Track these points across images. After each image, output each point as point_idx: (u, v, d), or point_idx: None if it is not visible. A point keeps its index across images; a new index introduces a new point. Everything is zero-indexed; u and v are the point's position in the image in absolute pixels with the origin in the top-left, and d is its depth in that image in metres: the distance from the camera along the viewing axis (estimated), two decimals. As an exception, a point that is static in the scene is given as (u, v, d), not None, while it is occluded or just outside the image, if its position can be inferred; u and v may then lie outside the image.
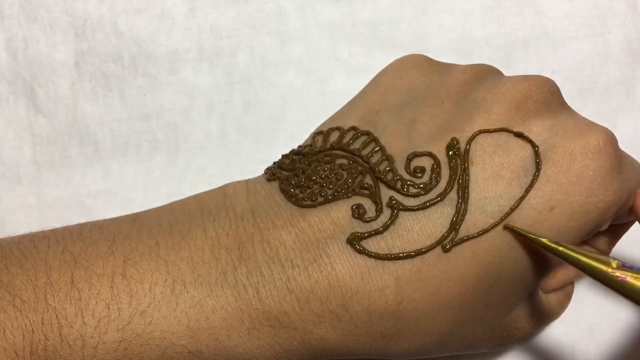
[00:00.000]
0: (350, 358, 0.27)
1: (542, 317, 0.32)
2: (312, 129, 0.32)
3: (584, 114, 0.38)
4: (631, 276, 0.24)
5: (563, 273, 0.32)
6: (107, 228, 0.27)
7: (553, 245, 0.26)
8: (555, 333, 0.36)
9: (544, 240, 0.26)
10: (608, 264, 0.25)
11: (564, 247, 0.26)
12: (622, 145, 0.35)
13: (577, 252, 0.26)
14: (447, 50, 0.39)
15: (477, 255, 0.26)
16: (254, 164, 0.38)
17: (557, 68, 0.39)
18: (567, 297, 0.34)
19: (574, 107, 0.38)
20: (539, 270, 0.28)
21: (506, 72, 0.33)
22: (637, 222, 0.30)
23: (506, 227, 0.26)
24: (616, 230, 0.32)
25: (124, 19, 0.38)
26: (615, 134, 0.38)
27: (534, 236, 0.26)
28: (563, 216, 0.26)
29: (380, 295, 0.25)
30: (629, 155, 0.30)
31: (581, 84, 0.39)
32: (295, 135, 0.38)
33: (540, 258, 0.27)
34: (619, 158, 0.27)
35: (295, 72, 0.39)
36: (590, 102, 0.39)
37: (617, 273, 0.25)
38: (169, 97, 0.38)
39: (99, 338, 0.24)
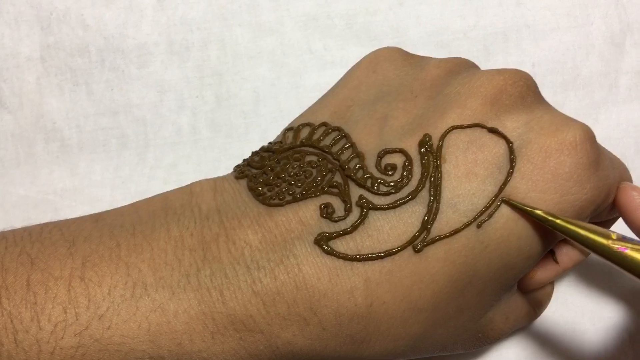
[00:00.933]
0: None
1: (520, 317, 0.31)
2: (286, 123, 0.31)
3: (566, 107, 0.38)
4: (631, 248, 0.24)
5: (542, 273, 0.31)
6: (67, 229, 0.26)
7: (549, 218, 0.25)
8: (537, 332, 0.35)
9: (539, 212, 0.25)
10: (607, 236, 0.24)
11: (561, 219, 0.25)
12: (605, 139, 0.34)
13: (575, 224, 0.25)
14: (424, 42, 0.38)
15: (449, 256, 0.25)
16: (226, 160, 0.37)
17: (538, 60, 0.38)
18: (547, 297, 0.33)
19: (555, 100, 0.38)
20: (514, 271, 0.27)
21: (485, 65, 0.33)
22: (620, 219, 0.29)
23: (503, 201, 0.25)
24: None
25: (91, 11, 0.37)
26: (598, 128, 0.37)
27: (529, 209, 0.25)
28: None
29: (349, 298, 0.25)
30: (608, 152, 0.29)
31: (563, 76, 0.38)
32: (268, 130, 0.37)
33: (516, 258, 0.26)
34: (597, 154, 0.26)
35: (268, 65, 0.38)
36: (573, 95, 0.38)
37: (617, 245, 0.24)
38: (138, 91, 0.37)
39: (56, 343, 0.23)
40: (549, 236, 0.26)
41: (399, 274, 0.25)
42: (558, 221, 0.25)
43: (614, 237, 0.24)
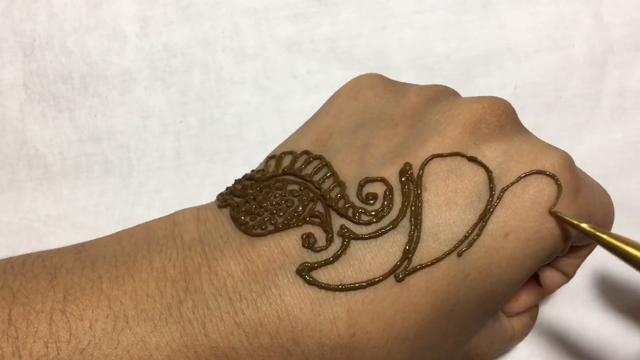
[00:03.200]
0: None
1: (504, 341, 0.31)
2: (270, 148, 0.31)
3: (549, 128, 0.38)
4: None
5: (526, 297, 0.31)
6: (50, 260, 0.26)
7: (595, 232, 0.25)
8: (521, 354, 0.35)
9: (584, 226, 0.25)
10: None
11: (607, 234, 0.25)
12: (588, 160, 0.34)
13: (620, 240, 0.25)
14: (407, 66, 0.38)
15: (431, 285, 0.25)
16: (210, 185, 0.37)
17: (520, 83, 0.38)
18: (532, 320, 0.33)
19: (538, 122, 0.38)
20: (497, 298, 0.27)
21: (468, 87, 0.33)
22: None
23: (551, 213, 0.25)
24: (581, 250, 0.31)
25: (74, 38, 0.37)
26: (581, 149, 0.38)
27: (575, 222, 0.25)
28: (518, 242, 0.26)
29: (332, 328, 0.24)
30: (589, 178, 0.29)
31: (545, 98, 0.38)
32: (252, 154, 0.37)
33: (498, 285, 0.26)
34: (576, 181, 0.26)
35: (251, 90, 0.38)
36: (555, 117, 0.38)
37: None
38: (121, 117, 0.37)
39: None
40: (530, 264, 0.26)
41: (381, 303, 0.25)
42: (605, 236, 0.25)
43: None
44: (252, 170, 0.30)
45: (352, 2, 0.38)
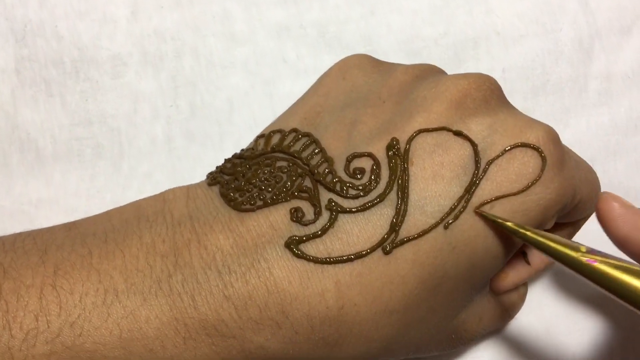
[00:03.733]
0: None
1: (493, 319, 0.31)
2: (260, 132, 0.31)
3: (537, 112, 0.38)
4: (600, 260, 0.24)
5: (514, 274, 0.31)
6: (40, 237, 0.26)
7: (519, 229, 0.25)
8: (511, 334, 0.35)
9: (509, 224, 0.25)
10: (577, 249, 0.24)
11: (531, 231, 0.25)
12: (575, 143, 0.34)
13: (546, 237, 0.25)
14: (396, 50, 0.38)
15: (418, 257, 0.25)
16: (200, 168, 0.37)
17: (508, 67, 0.38)
18: (520, 299, 0.33)
19: (526, 106, 0.38)
20: (484, 271, 0.27)
21: (456, 72, 0.33)
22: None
23: (475, 212, 0.26)
24: (566, 228, 0.32)
25: (65, 23, 0.38)
26: (568, 132, 0.38)
27: (500, 220, 0.25)
28: (504, 214, 0.26)
29: (321, 300, 0.25)
30: (575, 154, 0.30)
31: (533, 82, 0.38)
32: (242, 138, 0.38)
33: (484, 258, 0.27)
34: (561, 155, 0.27)
35: (241, 74, 0.38)
36: (543, 101, 0.39)
37: (586, 257, 0.24)
38: (112, 102, 0.38)
39: (27, 351, 0.23)
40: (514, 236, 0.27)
41: (369, 276, 0.25)
42: (528, 233, 0.25)
43: (584, 249, 0.24)
44: (242, 149, 0.30)
45: (341, -12, 0.39)
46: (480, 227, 0.26)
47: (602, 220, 0.27)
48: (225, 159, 0.30)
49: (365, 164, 0.27)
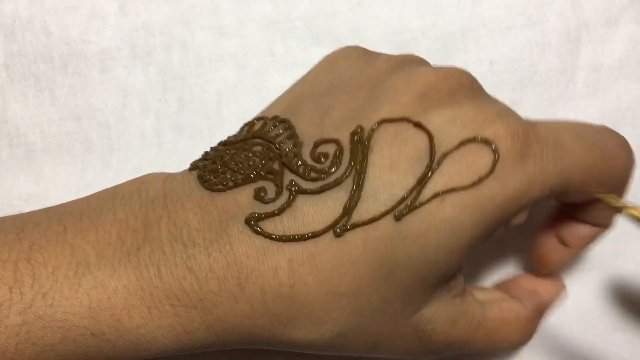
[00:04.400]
0: (256, 347, 0.27)
1: (473, 327, 0.30)
2: (248, 122, 0.31)
3: (524, 104, 0.39)
4: None
5: (553, 254, 0.32)
6: (19, 218, 0.27)
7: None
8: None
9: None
10: None
11: None
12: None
13: None
14: (384, 42, 0.39)
15: (368, 243, 0.26)
16: (190, 162, 0.37)
17: (495, 58, 0.39)
18: (519, 322, 0.31)
19: (514, 98, 0.38)
20: (438, 267, 0.27)
21: (445, 63, 0.33)
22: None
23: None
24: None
25: (54, 18, 0.38)
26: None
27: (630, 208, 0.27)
28: (454, 208, 0.26)
29: (274, 276, 0.26)
30: (549, 145, 0.28)
31: (520, 74, 0.39)
32: (232, 132, 0.37)
33: (437, 252, 0.26)
34: (522, 149, 0.27)
35: (230, 68, 0.38)
36: (530, 92, 0.39)
37: None
38: (101, 96, 0.38)
39: (1, 322, 0.24)
40: (471, 230, 0.26)
41: (320, 257, 0.26)
42: None
43: None
44: (228, 136, 0.31)
45: (329, -19, 0.39)
46: (432, 220, 0.26)
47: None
48: (211, 147, 0.30)
49: (330, 149, 0.27)
